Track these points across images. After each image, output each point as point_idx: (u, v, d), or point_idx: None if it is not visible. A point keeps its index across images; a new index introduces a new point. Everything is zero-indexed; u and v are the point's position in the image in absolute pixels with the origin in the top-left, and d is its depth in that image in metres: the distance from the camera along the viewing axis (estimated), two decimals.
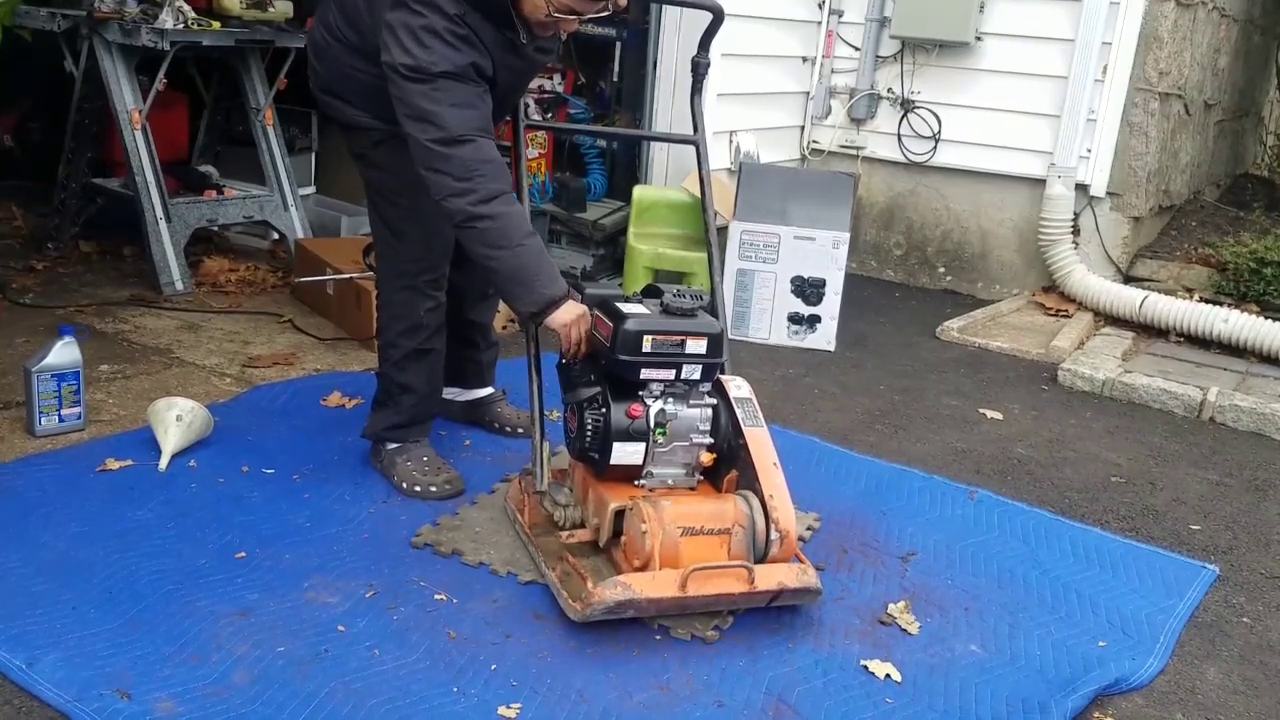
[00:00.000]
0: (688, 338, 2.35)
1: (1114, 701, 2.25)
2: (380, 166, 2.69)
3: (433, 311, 2.83)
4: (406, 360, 2.83)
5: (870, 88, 5.44)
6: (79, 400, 2.96)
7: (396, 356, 2.84)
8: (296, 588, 2.32)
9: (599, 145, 5.13)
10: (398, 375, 2.85)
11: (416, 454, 2.85)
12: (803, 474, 3.03)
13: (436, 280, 2.81)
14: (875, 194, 5.61)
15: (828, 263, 4.29)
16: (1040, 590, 2.63)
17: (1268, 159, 7.95)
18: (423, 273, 2.77)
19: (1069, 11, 4.93)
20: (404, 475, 2.80)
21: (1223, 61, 5.95)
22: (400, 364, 2.84)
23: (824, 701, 2.12)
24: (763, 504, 2.34)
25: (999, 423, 3.75)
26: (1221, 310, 4.57)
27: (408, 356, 2.83)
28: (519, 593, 2.39)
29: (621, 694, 2.08)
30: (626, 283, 4.35)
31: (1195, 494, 3.31)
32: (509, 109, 2.82)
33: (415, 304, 2.79)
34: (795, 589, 2.31)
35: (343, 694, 2.00)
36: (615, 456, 2.37)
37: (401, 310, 2.81)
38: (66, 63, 4.27)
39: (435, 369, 2.91)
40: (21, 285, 4.07)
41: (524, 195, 2.79)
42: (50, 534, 2.44)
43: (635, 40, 4.99)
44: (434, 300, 2.82)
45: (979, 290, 5.41)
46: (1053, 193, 5.02)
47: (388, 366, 2.88)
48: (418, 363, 2.84)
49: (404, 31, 2.35)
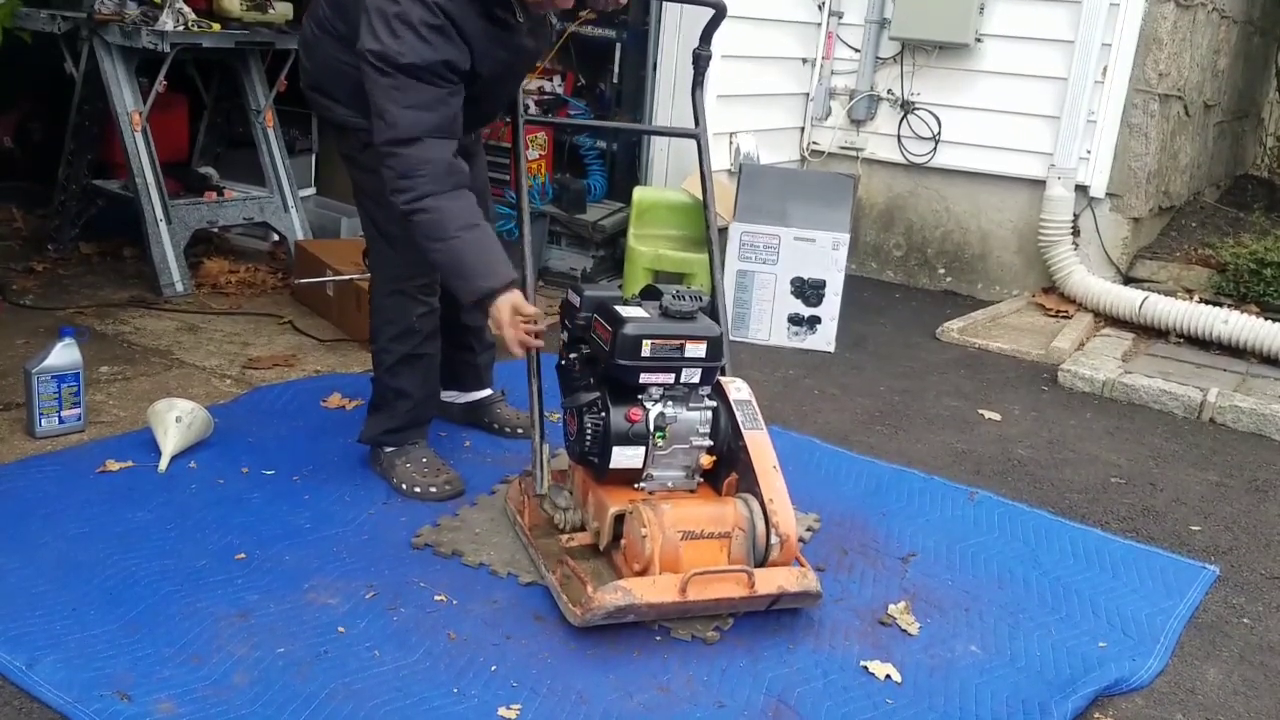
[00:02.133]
0: (687, 342, 2.35)
1: (1114, 702, 2.25)
2: (368, 169, 2.63)
3: (425, 317, 2.82)
4: (400, 366, 2.83)
5: (870, 89, 5.44)
6: (79, 402, 2.96)
7: (389, 362, 2.83)
8: (296, 589, 2.32)
9: (599, 146, 5.13)
10: (392, 381, 2.85)
11: (415, 456, 2.85)
12: (803, 475, 3.03)
13: (428, 285, 2.80)
14: (875, 195, 5.62)
15: (828, 264, 4.29)
16: (1040, 591, 2.63)
17: (1267, 160, 7.95)
18: (413, 277, 2.76)
19: (1069, 13, 4.93)
20: (404, 477, 2.80)
21: (1222, 63, 5.96)
22: (394, 369, 2.83)
23: (824, 702, 2.12)
24: (763, 507, 2.34)
25: (999, 424, 3.75)
26: (1221, 311, 4.57)
27: (401, 362, 2.82)
28: (519, 594, 2.39)
29: (622, 695, 2.08)
30: (626, 284, 4.35)
31: (1195, 495, 3.31)
32: (501, 105, 2.81)
33: (407, 309, 2.79)
34: (795, 593, 2.31)
35: (343, 695, 2.00)
36: (615, 461, 2.37)
37: (393, 315, 2.80)
38: (67, 64, 4.27)
39: (430, 373, 2.90)
40: (22, 287, 4.07)
41: (524, 196, 2.79)
42: (50, 535, 2.44)
43: (635, 41, 4.99)
44: (426, 305, 2.81)
45: (979, 291, 5.41)
46: (1052, 194, 5.02)
47: (381, 372, 2.87)
48: (411, 368, 2.83)
49: (378, 16, 2.35)
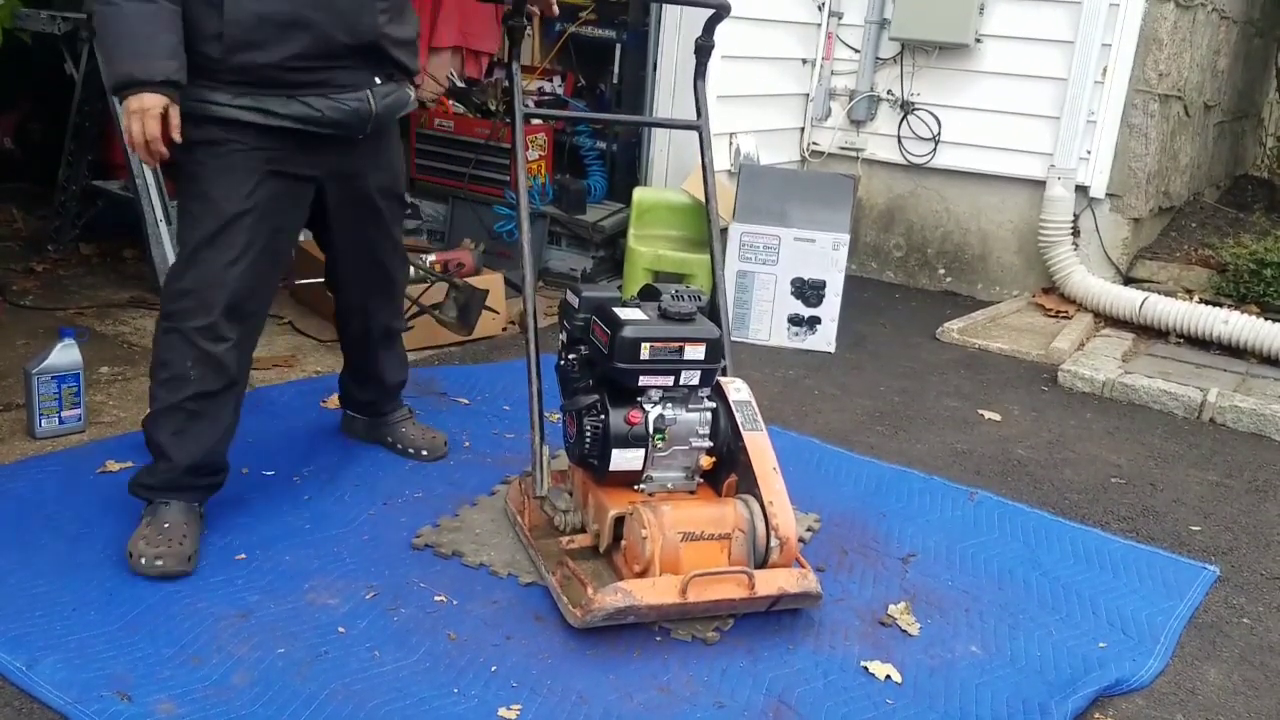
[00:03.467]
0: (686, 344, 2.34)
1: (1114, 702, 2.25)
2: (179, 165, 2.35)
3: (204, 367, 2.32)
4: (163, 417, 2.36)
5: (870, 90, 5.44)
6: (79, 402, 2.96)
7: (155, 408, 2.38)
8: (297, 589, 2.32)
9: (599, 147, 5.14)
10: (154, 431, 2.38)
11: (161, 517, 2.36)
12: (803, 475, 3.03)
13: (211, 328, 2.31)
14: (875, 196, 5.62)
15: (828, 264, 4.29)
16: (1040, 591, 2.63)
17: (1267, 160, 7.95)
18: (192, 314, 2.31)
19: (1068, 13, 4.93)
20: (134, 539, 2.32)
21: (1222, 63, 5.96)
22: (156, 419, 2.37)
23: (824, 702, 2.12)
24: (762, 509, 2.34)
25: (999, 424, 3.75)
26: (1221, 311, 4.57)
27: (165, 413, 2.35)
28: (519, 594, 2.39)
29: (622, 695, 2.08)
30: (626, 284, 4.35)
31: (1195, 495, 3.31)
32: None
33: (180, 352, 2.33)
34: (795, 594, 2.31)
35: (343, 695, 2.00)
36: (615, 463, 2.37)
37: (165, 354, 2.34)
38: (67, 65, 4.27)
39: (200, 439, 2.37)
40: (22, 287, 4.07)
41: (524, 196, 2.79)
42: (50, 536, 2.43)
43: (635, 42, 5.00)
44: (205, 353, 2.31)
45: (979, 292, 5.41)
46: (1052, 194, 5.02)
47: (147, 417, 2.41)
48: (174, 424, 2.35)
49: None
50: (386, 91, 2.48)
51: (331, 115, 2.38)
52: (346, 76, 2.39)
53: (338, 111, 2.39)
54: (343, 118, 2.40)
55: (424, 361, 3.72)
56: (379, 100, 2.46)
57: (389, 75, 2.49)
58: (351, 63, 2.39)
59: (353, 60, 2.39)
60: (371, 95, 2.44)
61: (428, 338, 3.79)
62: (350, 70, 2.39)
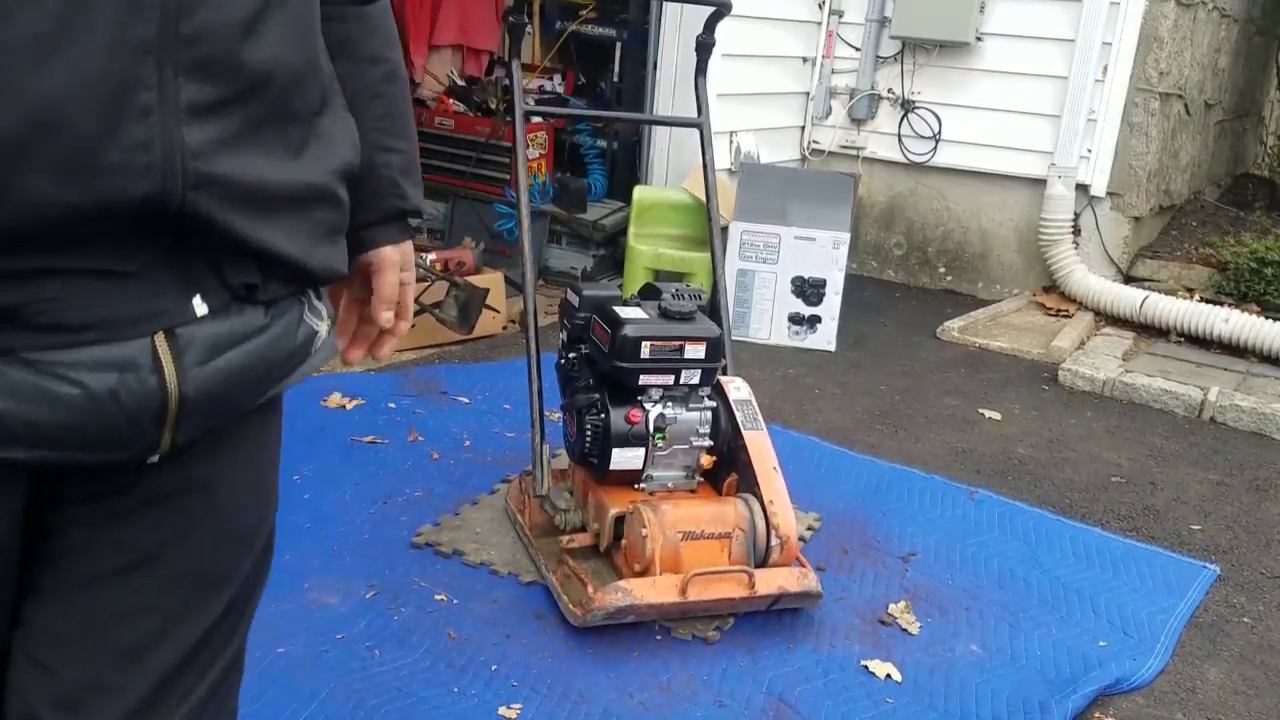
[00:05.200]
0: (686, 343, 2.35)
1: (1114, 702, 2.25)
2: None
3: None
4: None
5: (870, 88, 5.43)
6: None
7: None
8: (297, 588, 2.32)
9: (599, 146, 5.14)
10: None
11: None
12: (803, 474, 3.03)
13: None
14: (875, 194, 5.61)
15: (828, 263, 4.29)
16: (1041, 590, 2.63)
17: (1268, 159, 7.95)
18: None
19: (1069, 12, 4.93)
20: None
21: (1223, 61, 5.95)
22: None
23: (824, 701, 2.12)
24: (763, 508, 2.34)
25: (999, 423, 3.75)
26: (1222, 310, 4.57)
27: None
28: (520, 593, 2.39)
29: (622, 694, 2.08)
30: (626, 283, 4.35)
31: (1196, 494, 3.31)
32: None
33: None
34: (795, 593, 2.31)
35: (343, 695, 2.00)
36: (615, 462, 2.37)
37: None
38: None
39: None
40: None
41: (524, 195, 2.79)
42: None
43: (635, 41, 5.00)
44: None
45: (979, 290, 5.41)
46: (1053, 193, 5.02)
47: None
48: None
49: None
50: (229, 332, 0.96)
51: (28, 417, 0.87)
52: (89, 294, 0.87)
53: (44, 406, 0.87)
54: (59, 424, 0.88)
55: (424, 360, 3.72)
56: (197, 359, 0.93)
57: (244, 284, 0.96)
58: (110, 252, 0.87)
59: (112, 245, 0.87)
60: (171, 349, 0.91)
61: (428, 336, 3.79)
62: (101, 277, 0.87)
